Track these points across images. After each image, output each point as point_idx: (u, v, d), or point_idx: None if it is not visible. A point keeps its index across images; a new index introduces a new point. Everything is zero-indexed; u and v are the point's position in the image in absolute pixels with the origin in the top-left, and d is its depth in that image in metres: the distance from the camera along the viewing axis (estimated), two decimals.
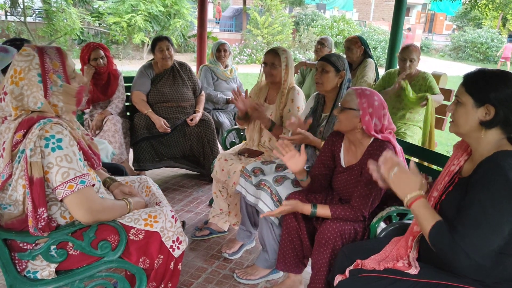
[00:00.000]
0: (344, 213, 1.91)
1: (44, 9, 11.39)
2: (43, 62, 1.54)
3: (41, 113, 1.54)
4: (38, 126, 1.49)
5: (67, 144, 1.51)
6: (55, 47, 1.63)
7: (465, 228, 1.29)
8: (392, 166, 1.45)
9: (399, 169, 1.44)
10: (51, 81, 1.56)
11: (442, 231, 1.33)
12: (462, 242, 1.28)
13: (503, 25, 23.54)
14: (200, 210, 3.31)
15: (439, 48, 22.22)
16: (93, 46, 3.39)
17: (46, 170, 1.49)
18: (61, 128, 1.52)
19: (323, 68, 2.39)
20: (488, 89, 1.36)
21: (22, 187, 1.51)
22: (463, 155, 1.54)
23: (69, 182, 1.49)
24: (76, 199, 1.51)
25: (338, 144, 2.13)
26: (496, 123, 1.37)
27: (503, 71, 1.41)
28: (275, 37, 15.82)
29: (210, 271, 2.51)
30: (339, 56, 2.45)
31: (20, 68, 1.52)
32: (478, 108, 1.38)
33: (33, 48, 1.57)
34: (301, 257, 2.15)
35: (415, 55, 3.44)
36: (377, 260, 1.60)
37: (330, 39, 4.45)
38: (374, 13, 29.62)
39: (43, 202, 1.49)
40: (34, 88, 1.52)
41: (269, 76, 2.70)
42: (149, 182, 2.10)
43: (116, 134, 3.30)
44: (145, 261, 1.69)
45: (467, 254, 1.27)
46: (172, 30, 12.51)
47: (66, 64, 1.61)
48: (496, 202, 1.27)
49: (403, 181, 1.43)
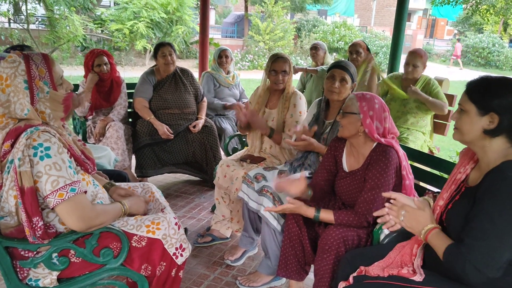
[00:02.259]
0: (347, 218, 1.90)
1: (47, 17, 11.46)
2: (29, 68, 1.53)
3: (28, 122, 1.52)
4: (25, 135, 1.47)
5: (55, 152, 1.49)
6: (42, 54, 1.61)
7: (473, 239, 1.28)
8: (400, 210, 1.51)
9: (406, 211, 1.49)
10: (37, 88, 1.54)
11: (451, 248, 1.34)
12: (469, 255, 1.27)
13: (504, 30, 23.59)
14: (202, 217, 3.30)
15: (440, 53, 22.25)
16: (97, 53, 3.42)
17: (36, 180, 1.46)
18: (48, 136, 1.50)
19: (342, 78, 2.37)
20: (491, 97, 1.35)
21: (14, 198, 1.50)
22: (470, 163, 1.52)
23: (59, 191, 1.47)
24: (67, 208, 1.49)
25: (340, 149, 2.13)
26: (501, 131, 1.35)
27: (506, 78, 1.39)
28: (276, 43, 15.89)
29: (213, 278, 2.50)
30: (353, 66, 2.45)
31: (6, 75, 1.50)
32: (482, 116, 1.37)
33: (18, 55, 1.55)
34: (302, 263, 2.13)
35: (419, 61, 3.44)
36: (381, 266, 1.59)
37: (321, 42, 4.60)
38: (375, 19, 29.71)
39: (36, 211, 1.47)
40: (20, 95, 1.51)
41: (279, 83, 2.69)
42: (153, 189, 2.09)
43: (119, 140, 3.31)
44: (147, 268, 1.69)
45: (477, 268, 1.26)
46: (174, 37, 12.57)
47: (52, 70, 1.59)
48: (504, 213, 1.26)
49: (414, 220, 1.49)
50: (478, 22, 23.75)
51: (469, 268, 1.26)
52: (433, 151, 3.56)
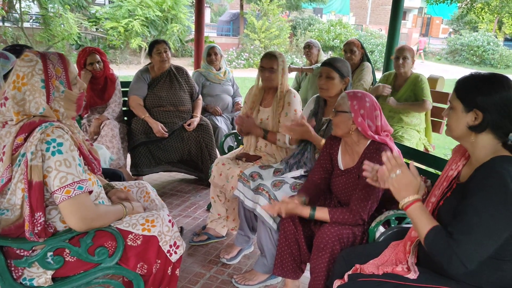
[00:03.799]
0: (342, 216, 1.90)
1: (41, 15, 11.40)
2: (46, 68, 1.55)
3: (43, 117, 1.54)
4: (39, 129, 1.49)
5: (67, 149, 1.50)
6: (57, 53, 1.63)
7: (460, 234, 1.28)
8: (396, 167, 1.44)
9: (402, 171, 1.43)
10: (53, 87, 1.56)
11: (438, 236, 1.32)
12: (458, 248, 1.27)
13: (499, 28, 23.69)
14: (198, 215, 3.30)
15: (435, 51, 22.33)
16: (89, 51, 3.39)
17: (45, 174, 1.48)
18: (62, 132, 1.52)
19: (328, 74, 2.39)
20: (476, 94, 1.37)
21: (21, 191, 1.50)
22: (461, 160, 1.54)
23: (66, 187, 1.48)
24: (71, 206, 1.50)
25: (335, 147, 2.13)
26: (484, 127, 1.37)
27: (495, 74, 1.41)
28: (272, 41, 15.87)
29: (208, 276, 2.50)
30: (344, 62, 2.45)
31: (23, 74, 1.52)
32: (467, 113, 1.39)
33: (35, 54, 1.57)
34: (298, 262, 2.14)
35: (408, 53, 3.50)
36: (376, 264, 1.59)
37: (314, 40, 4.59)
38: (370, 17, 29.75)
39: (41, 206, 1.48)
40: (36, 94, 1.53)
41: (268, 80, 2.69)
42: (148, 188, 2.09)
43: (114, 139, 3.29)
44: (143, 266, 1.68)
45: (462, 262, 1.26)
46: (169, 35, 12.54)
47: (68, 70, 1.62)
48: (491, 208, 1.27)
49: (403, 184, 1.42)
50: (473, 21, 23.82)
51: (455, 261, 1.27)
52: (428, 149, 3.58)
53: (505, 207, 1.26)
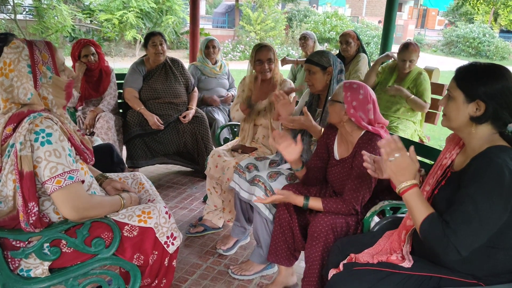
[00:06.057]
0: (336, 206, 1.92)
1: (35, 6, 11.29)
2: (33, 53, 1.56)
3: (31, 107, 1.54)
4: (28, 120, 1.49)
5: (56, 139, 1.50)
6: (44, 41, 1.64)
7: (456, 223, 1.29)
8: (395, 151, 1.40)
9: (401, 155, 1.39)
10: (40, 72, 1.57)
11: (434, 224, 1.32)
12: (453, 237, 1.27)
13: (495, 20, 23.67)
14: (194, 207, 3.31)
15: (431, 43, 22.31)
16: (83, 43, 3.36)
17: (35, 165, 1.48)
18: (51, 122, 1.51)
19: (309, 70, 2.38)
20: (478, 84, 1.35)
21: (13, 182, 1.50)
22: (455, 148, 1.54)
23: (57, 177, 1.48)
24: (63, 196, 1.50)
25: (332, 137, 2.14)
26: (486, 118, 1.36)
27: (495, 65, 1.40)
28: (268, 33, 15.80)
29: (205, 267, 2.51)
30: (322, 53, 2.41)
31: (10, 60, 1.53)
32: (469, 103, 1.37)
33: (22, 40, 1.58)
34: (292, 249, 2.15)
35: (414, 55, 3.46)
36: (370, 253, 1.61)
37: (310, 32, 4.58)
38: (366, 9, 29.67)
39: (33, 196, 1.48)
40: (24, 79, 1.53)
41: (266, 72, 2.69)
42: (142, 179, 2.09)
43: (109, 131, 3.28)
44: (140, 257, 1.69)
45: (457, 250, 1.27)
46: (164, 27, 12.46)
47: (55, 56, 1.62)
48: (488, 197, 1.27)
49: (401, 168, 1.39)
50: (468, 12, 23.80)
51: (451, 249, 1.28)
52: (423, 140, 3.59)
53: (501, 196, 1.26)
